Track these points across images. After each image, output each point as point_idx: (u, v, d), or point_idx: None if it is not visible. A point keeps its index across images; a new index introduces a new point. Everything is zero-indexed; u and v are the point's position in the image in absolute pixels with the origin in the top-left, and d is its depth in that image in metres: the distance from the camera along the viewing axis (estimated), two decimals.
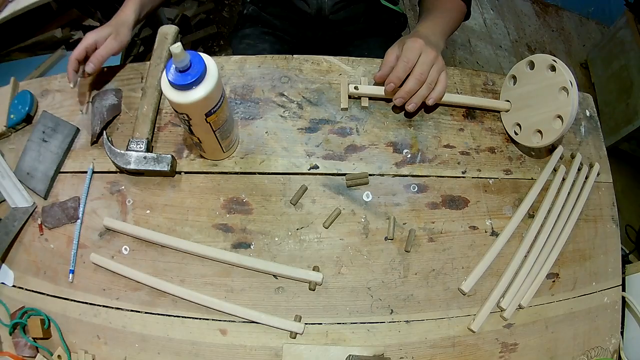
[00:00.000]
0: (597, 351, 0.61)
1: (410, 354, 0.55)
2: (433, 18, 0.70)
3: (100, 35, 0.61)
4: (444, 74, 0.61)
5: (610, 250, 0.67)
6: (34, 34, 1.29)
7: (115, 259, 0.56)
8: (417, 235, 0.59)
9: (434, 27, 0.67)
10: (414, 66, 0.59)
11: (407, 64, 0.58)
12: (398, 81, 0.59)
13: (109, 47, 0.61)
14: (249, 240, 0.57)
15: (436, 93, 0.60)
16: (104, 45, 0.61)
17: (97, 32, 0.62)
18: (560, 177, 0.66)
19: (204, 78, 0.45)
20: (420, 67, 0.59)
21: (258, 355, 0.53)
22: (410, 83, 0.59)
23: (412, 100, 0.60)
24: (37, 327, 0.52)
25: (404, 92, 0.59)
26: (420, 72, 0.58)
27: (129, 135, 0.60)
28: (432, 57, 0.59)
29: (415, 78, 0.59)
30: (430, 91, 0.60)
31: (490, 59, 2.05)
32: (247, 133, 0.62)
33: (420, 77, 0.59)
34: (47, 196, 0.59)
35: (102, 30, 0.62)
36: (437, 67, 0.60)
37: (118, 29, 0.63)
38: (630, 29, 1.74)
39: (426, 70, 0.59)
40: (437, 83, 0.60)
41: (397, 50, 0.61)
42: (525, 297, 0.59)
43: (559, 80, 0.58)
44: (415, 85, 0.59)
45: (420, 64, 0.59)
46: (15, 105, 0.63)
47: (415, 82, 0.59)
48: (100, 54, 0.60)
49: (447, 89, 0.68)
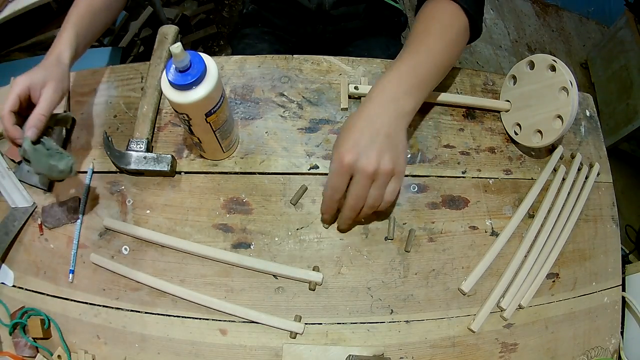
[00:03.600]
0: (597, 351, 0.61)
1: (410, 354, 0.55)
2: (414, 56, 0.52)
3: (32, 81, 0.50)
4: (393, 182, 0.49)
5: (610, 250, 0.67)
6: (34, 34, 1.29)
7: (115, 259, 0.56)
8: (417, 235, 0.59)
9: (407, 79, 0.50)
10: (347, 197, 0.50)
11: (333, 194, 0.50)
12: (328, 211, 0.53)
13: (48, 101, 0.50)
14: (249, 240, 0.57)
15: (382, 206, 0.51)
16: (42, 101, 0.50)
17: (28, 76, 0.51)
18: (560, 177, 0.66)
19: (204, 78, 0.45)
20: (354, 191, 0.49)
21: (258, 355, 0.53)
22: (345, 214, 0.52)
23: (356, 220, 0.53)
24: (37, 327, 0.52)
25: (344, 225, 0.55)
26: (356, 197, 0.49)
27: (129, 135, 0.60)
28: (369, 171, 0.47)
29: (348, 208, 0.51)
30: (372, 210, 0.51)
31: (490, 59, 2.05)
32: (247, 133, 0.62)
33: (356, 203, 0.50)
34: (51, 188, 0.59)
35: (33, 74, 0.51)
36: (380, 182, 0.48)
37: (52, 73, 0.52)
38: (630, 29, 1.74)
39: (362, 194, 0.49)
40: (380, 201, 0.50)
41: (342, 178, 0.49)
42: (525, 297, 0.59)
43: (559, 80, 0.58)
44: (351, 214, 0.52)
45: (352, 187, 0.48)
46: None
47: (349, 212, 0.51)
48: (40, 113, 0.49)
49: (447, 89, 0.69)
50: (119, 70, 0.66)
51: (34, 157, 0.49)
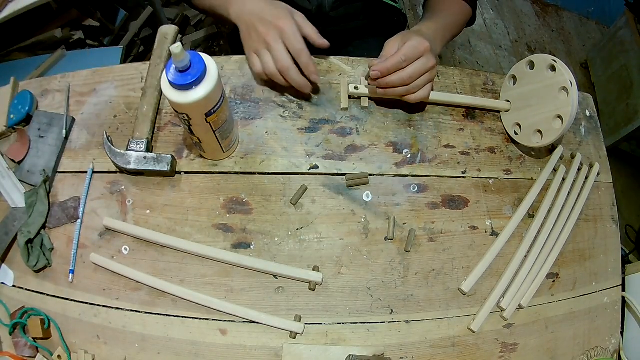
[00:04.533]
0: (597, 351, 0.61)
1: (410, 354, 0.55)
2: (437, 20, 0.67)
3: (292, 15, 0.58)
4: (429, 85, 0.60)
5: (610, 250, 0.67)
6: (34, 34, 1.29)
7: (115, 259, 0.56)
8: (417, 235, 0.59)
9: (435, 31, 0.65)
10: (408, 66, 0.57)
11: (404, 62, 0.56)
12: (386, 72, 0.57)
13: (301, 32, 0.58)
14: (249, 240, 0.57)
15: (413, 97, 0.59)
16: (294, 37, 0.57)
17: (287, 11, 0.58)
18: (560, 177, 0.66)
19: (204, 78, 0.45)
20: (413, 69, 0.57)
21: (258, 355, 0.53)
22: (393, 78, 0.57)
23: (387, 92, 0.59)
24: (37, 327, 0.52)
25: (383, 82, 0.58)
26: (410, 76, 0.57)
27: (129, 135, 0.60)
28: (429, 66, 0.57)
29: (400, 78, 0.57)
30: (407, 93, 0.59)
31: (490, 59, 2.05)
32: (247, 133, 0.62)
33: (409, 79, 0.57)
34: (50, 188, 0.59)
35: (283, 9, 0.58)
36: (427, 77, 0.58)
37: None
38: (630, 29, 1.74)
39: (417, 75, 0.57)
40: (420, 89, 0.59)
41: (399, 43, 0.58)
42: (525, 297, 0.59)
43: (559, 80, 0.58)
44: (398, 83, 0.57)
45: (415, 66, 0.57)
46: (15, 105, 0.63)
47: (398, 81, 0.57)
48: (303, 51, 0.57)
49: (447, 89, 0.69)
50: (119, 70, 0.66)
51: None
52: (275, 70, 0.58)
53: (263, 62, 0.59)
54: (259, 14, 0.58)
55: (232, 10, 0.62)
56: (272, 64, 0.58)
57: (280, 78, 0.59)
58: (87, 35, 1.39)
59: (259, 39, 0.58)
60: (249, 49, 0.61)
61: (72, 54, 1.25)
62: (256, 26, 0.58)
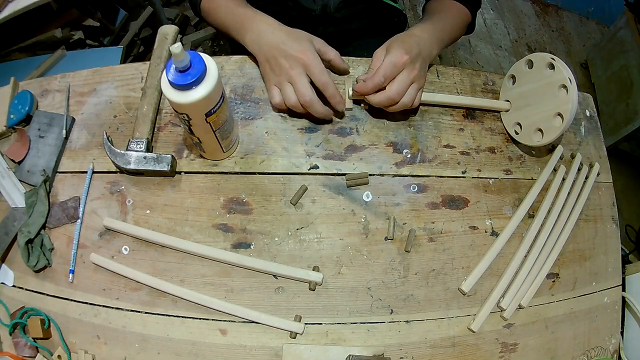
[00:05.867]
0: (597, 351, 0.61)
1: (410, 354, 0.55)
2: (434, 22, 0.67)
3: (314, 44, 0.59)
4: (419, 93, 0.59)
5: (610, 250, 0.67)
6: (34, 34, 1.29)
7: (115, 259, 0.56)
8: (417, 235, 0.59)
9: (431, 32, 0.64)
10: (393, 83, 0.56)
11: (383, 82, 0.56)
12: (367, 93, 0.58)
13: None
14: (249, 240, 0.57)
15: (399, 106, 0.58)
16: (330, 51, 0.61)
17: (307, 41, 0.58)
18: (560, 177, 0.66)
19: (204, 78, 0.45)
20: (397, 87, 0.56)
21: (258, 355, 0.53)
22: (381, 99, 0.57)
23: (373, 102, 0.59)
24: (37, 327, 0.52)
25: (374, 102, 0.58)
26: (398, 93, 0.56)
27: (129, 135, 0.60)
28: (412, 77, 0.57)
29: (388, 97, 0.56)
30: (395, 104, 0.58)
31: (490, 59, 2.05)
32: (247, 133, 0.62)
33: (397, 97, 0.57)
34: (50, 188, 0.59)
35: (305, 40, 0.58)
36: (415, 87, 0.58)
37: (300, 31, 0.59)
38: (630, 29, 1.74)
39: (403, 91, 0.57)
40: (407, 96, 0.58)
41: (385, 53, 0.58)
42: (525, 297, 0.59)
43: (558, 78, 0.58)
44: (387, 103, 0.57)
45: (399, 84, 0.56)
46: (15, 105, 0.63)
47: (387, 101, 0.57)
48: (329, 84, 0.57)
49: (447, 89, 0.69)
50: (119, 70, 0.66)
51: None
52: (297, 103, 0.58)
53: (285, 94, 0.58)
54: (280, 47, 0.57)
55: (249, 38, 0.61)
56: (294, 96, 0.57)
57: (301, 109, 0.59)
58: (87, 35, 1.39)
59: (282, 73, 0.57)
60: (271, 82, 0.60)
61: (72, 54, 1.25)
62: (278, 60, 0.57)
